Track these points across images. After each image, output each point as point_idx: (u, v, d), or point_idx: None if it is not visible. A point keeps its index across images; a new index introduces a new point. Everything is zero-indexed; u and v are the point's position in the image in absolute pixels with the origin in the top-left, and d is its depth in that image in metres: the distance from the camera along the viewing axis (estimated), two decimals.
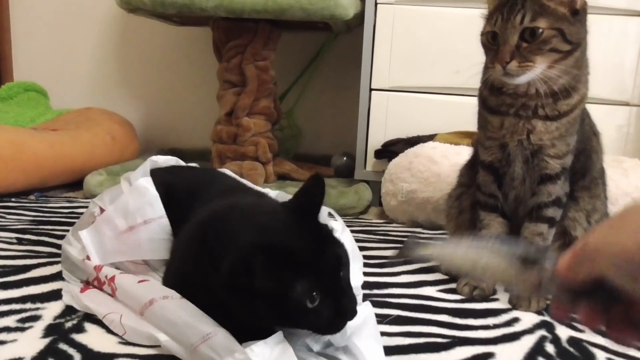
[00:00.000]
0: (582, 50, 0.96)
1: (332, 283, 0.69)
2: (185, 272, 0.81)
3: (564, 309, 0.50)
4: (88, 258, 0.94)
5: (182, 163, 1.17)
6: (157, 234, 0.89)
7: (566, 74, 0.95)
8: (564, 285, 0.48)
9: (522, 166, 1.02)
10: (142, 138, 2.28)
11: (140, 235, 0.90)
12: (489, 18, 0.96)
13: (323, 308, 0.68)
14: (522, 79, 0.93)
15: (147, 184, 0.94)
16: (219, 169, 1.24)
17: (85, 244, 0.94)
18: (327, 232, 0.74)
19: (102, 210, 0.98)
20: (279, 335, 0.70)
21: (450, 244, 0.63)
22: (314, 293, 0.67)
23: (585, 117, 1.07)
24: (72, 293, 0.92)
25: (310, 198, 0.74)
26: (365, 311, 0.78)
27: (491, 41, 0.95)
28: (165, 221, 0.91)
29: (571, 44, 0.92)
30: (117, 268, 0.93)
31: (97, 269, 0.91)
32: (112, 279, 0.87)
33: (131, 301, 0.83)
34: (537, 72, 0.92)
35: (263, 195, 1.04)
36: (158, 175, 1.02)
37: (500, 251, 0.56)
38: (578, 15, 0.93)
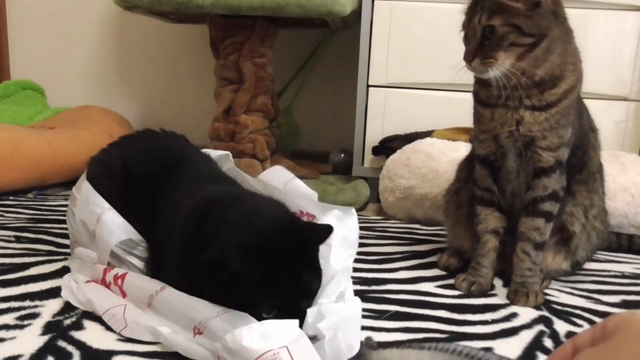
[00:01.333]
0: (553, 40, 0.96)
1: (291, 306, 0.75)
2: (181, 253, 0.84)
3: None
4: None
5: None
6: (110, 223, 0.96)
7: (542, 64, 0.96)
8: None
9: (516, 159, 1.03)
10: None
11: (100, 233, 0.95)
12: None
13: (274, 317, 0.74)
14: (491, 74, 0.96)
15: (87, 192, 1.01)
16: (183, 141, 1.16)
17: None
18: (313, 258, 0.79)
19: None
20: (295, 321, 0.71)
21: (414, 348, 0.62)
22: (274, 310, 0.74)
23: (583, 112, 1.07)
24: (74, 286, 0.93)
25: (317, 232, 0.81)
26: (354, 307, 0.81)
27: (465, 40, 0.99)
28: (111, 212, 0.97)
29: (532, 36, 0.94)
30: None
31: (107, 270, 0.92)
32: (123, 276, 0.88)
33: (141, 292, 0.84)
34: (505, 66, 0.95)
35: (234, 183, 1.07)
36: (114, 151, 1.09)
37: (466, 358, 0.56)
38: (539, 7, 0.94)
